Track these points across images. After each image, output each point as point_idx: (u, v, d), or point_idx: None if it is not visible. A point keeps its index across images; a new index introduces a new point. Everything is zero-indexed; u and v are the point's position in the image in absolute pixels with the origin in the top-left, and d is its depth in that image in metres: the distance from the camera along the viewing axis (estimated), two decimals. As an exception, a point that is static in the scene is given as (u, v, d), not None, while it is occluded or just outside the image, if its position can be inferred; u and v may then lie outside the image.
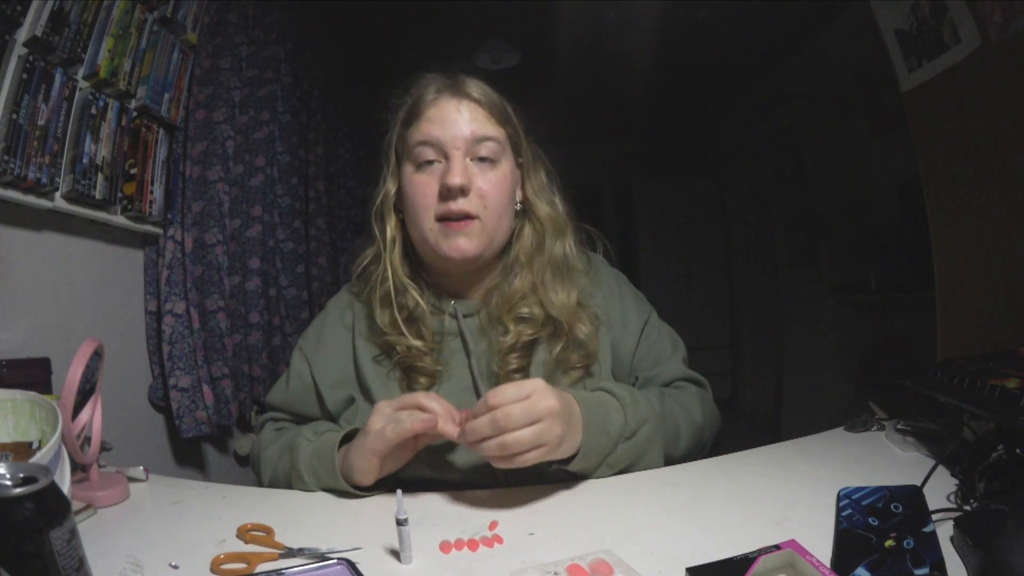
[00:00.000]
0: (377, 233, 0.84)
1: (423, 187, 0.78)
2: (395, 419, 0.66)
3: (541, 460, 0.63)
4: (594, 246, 0.93)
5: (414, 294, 0.80)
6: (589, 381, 0.81)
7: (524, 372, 0.79)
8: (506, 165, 0.81)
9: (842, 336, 2.98)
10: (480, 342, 0.81)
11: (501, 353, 0.79)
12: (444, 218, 0.77)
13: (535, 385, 0.64)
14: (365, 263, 0.87)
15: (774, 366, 3.67)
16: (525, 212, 0.85)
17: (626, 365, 0.86)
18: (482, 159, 0.78)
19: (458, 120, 0.77)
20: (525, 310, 0.79)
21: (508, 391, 0.63)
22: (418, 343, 0.78)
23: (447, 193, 0.76)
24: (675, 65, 3.14)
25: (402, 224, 0.84)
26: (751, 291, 4.13)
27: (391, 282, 0.80)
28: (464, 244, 0.77)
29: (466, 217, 0.76)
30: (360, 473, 0.69)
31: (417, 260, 0.86)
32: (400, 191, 0.83)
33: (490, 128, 0.79)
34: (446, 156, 0.77)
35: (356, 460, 0.69)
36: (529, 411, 0.62)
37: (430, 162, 0.78)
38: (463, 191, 0.76)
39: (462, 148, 0.77)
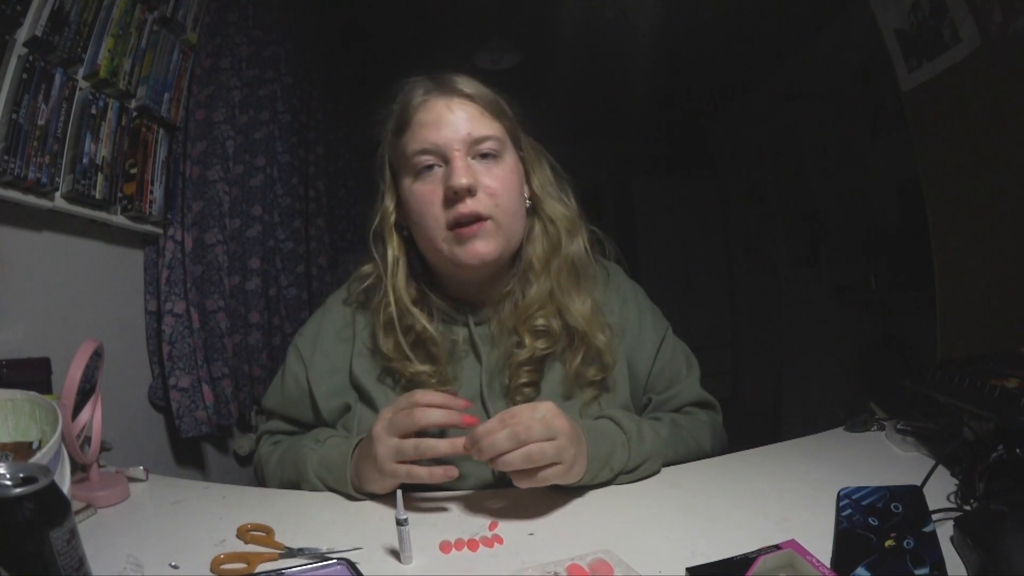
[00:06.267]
0: (377, 256, 0.80)
1: (427, 196, 0.73)
2: (401, 452, 0.64)
3: (558, 480, 0.63)
4: (602, 248, 0.89)
5: (421, 320, 0.76)
6: (606, 396, 0.79)
7: (535, 387, 0.77)
8: (510, 159, 0.77)
9: (842, 336, 2.98)
10: (492, 351, 0.78)
11: (513, 366, 0.76)
12: (455, 224, 0.72)
13: (548, 406, 0.63)
14: (368, 283, 0.81)
15: (774, 366, 3.67)
16: (534, 210, 0.81)
17: (641, 384, 0.84)
18: (484, 155, 0.74)
19: (452, 120, 0.73)
20: (541, 321, 0.76)
21: (523, 411, 0.62)
22: (425, 367, 0.75)
23: (453, 196, 0.71)
24: (675, 65, 3.14)
25: (405, 242, 0.80)
26: (751, 291, 4.13)
27: (394, 308, 0.76)
28: (481, 248, 0.72)
29: (478, 219, 0.72)
30: (373, 490, 0.70)
31: (426, 275, 0.81)
32: (401, 206, 0.78)
33: (487, 126, 0.74)
34: (446, 159, 0.73)
35: (368, 486, 0.69)
36: (547, 426, 0.61)
37: (430, 167, 0.73)
38: (470, 191, 0.71)
39: (462, 148, 0.72)
